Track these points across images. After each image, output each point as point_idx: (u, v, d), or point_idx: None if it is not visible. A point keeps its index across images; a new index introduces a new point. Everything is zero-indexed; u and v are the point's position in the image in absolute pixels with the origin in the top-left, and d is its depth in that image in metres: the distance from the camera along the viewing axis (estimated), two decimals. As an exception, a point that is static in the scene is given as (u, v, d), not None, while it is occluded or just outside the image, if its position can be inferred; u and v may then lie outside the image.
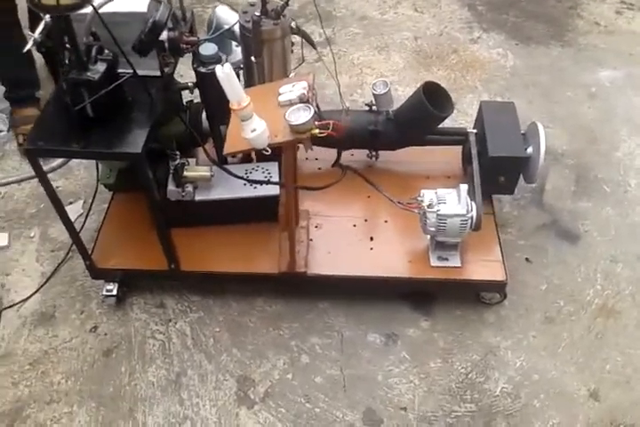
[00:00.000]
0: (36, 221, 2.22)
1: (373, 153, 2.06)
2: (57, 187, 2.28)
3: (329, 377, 1.84)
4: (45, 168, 2.01)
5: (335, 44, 2.83)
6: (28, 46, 1.32)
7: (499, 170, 1.87)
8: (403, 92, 2.61)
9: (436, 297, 2.00)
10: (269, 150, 1.38)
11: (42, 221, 2.22)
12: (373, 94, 1.90)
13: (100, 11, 1.33)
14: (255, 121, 1.31)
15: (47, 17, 1.34)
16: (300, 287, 1.99)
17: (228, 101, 1.31)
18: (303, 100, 1.38)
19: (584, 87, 2.69)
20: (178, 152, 1.81)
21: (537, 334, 1.91)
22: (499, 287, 1.90)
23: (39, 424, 1.76)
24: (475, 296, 1.97)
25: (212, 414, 1.78)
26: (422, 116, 1.87)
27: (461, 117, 2.51)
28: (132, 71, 1.44)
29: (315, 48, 1.88)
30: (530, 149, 1.91)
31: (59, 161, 1.98)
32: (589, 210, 2.25)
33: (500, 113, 1.96)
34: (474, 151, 1.87)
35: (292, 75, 1.91)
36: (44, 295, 2.03)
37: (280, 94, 1.43)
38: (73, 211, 2.20)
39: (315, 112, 1.36)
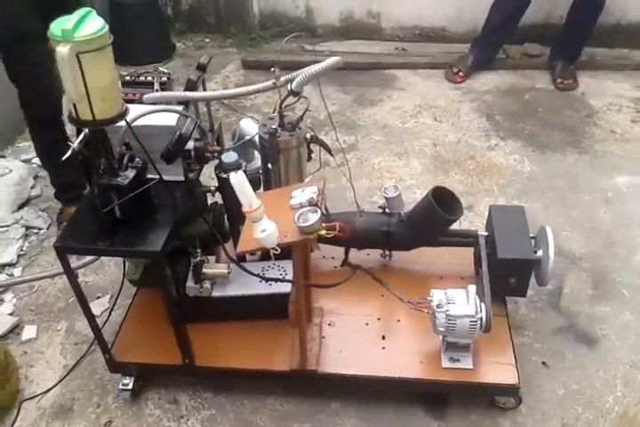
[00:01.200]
0: (64, 315, 2.32)
1: (387, 253, 2.13)
2: (87, 282, 2.43)
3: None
4: (77, 264, 2.16)
5: (358, 150, 3.03)
6: (67, 154, 1.49)
7: (508, 272, 1.91)
8: (421, 195, 2.71)
9: (450, 400, 1.97)
10: (279, 250, 1.47)
11: (69, 315, 2.32)
12: (385, 197, 2.01)
13: (134, 124, 1.51)
14: (265, 222, 1.43)
15: (86, 129, 1.53)
16: (312, 386, 1.98)
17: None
18: (312, 203, 1.49)
19: (601, 192, 2.75)
20: (199, 250, 1.93)
21: (555, 444, 1.84)
22: (511, 391, 1.86)
23: None
24: (489, 400, 1.93)
25: None
26: (432, 219, 1.95)
27: (478, 219, 2.59)
28: (158, 177, 1.59)
29: (331, 155, 2.03)
30: (540, 252, 1.95)
31: (90, 257, 2.12)
32: (607, 314, 2.22)
33: (509, 217, 2.03)
34: (483, 253, 1.92)
35: (308, 179, 2.06)
36: (65, 388, 2.08)
37: (292, 198, 1.55)
38: (100, 305, 2.32)
39: (322, 214, 1.46)
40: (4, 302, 2.39)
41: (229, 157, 1.68)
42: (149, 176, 1.63)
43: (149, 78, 1.79)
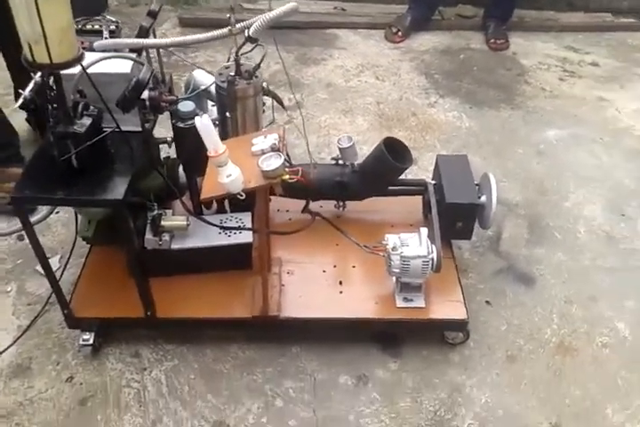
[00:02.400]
0: (13, 277, 2.27)
1: (341, 204, 2.21)
2: (36, 242, 2.37)
3: (303, 420, 1.88)
4: (32, 219, 2.10)
5: (304, 108, 3.06)
6: (19, 103, 1.45)
7: (455, 216, 2.03)
8: (367, 151, 2.78)
9: (404, 339, 2.09)
10: (244, 195, 1.50)
11: (18, 277, 2.26)
12: (339, 148, 2.07)
13: (88, 71, 1.48)
14: (230, 167, 1.45)
15: (37, 76, 1.49)
16: (272, 332, 2.05)
17: (203, 153, 1.44)
18: (275, 149, 1.52)
19: (533, 145, 2.93)
20: (155, 204, 1.93)
21: (500, 372, 2.00)
22: (461, 326, 2.00)
23: (10, 476, 1.74)
24: (440, 337, 2.06)
25: (188, 462, 1.79)
26: (384, 168, 2.03)
27: (422, 173, 2.70)
28: (115, 126, 1.57)
29: (284, 108, 2.06)
30: (483, 198, 2.08)
31: (38, 216, 2.07)
32: (543, 256, 2.40)
33: (454, 165, 2.15)
34: (432, 200, 2.03)
35: (263, 130, 2.09)
36: (21, 348, 2.05)
37: (253, 145, 1.58)
38: (51, 265, 2.27)
39: (285, 159, 1.50)
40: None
41: (186, 105, 1.68)
42: (105, 126, 1.62)
43: (97, 26, 1.74)
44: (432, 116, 3.05)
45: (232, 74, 1.70)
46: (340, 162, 2.12)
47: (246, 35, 1.63)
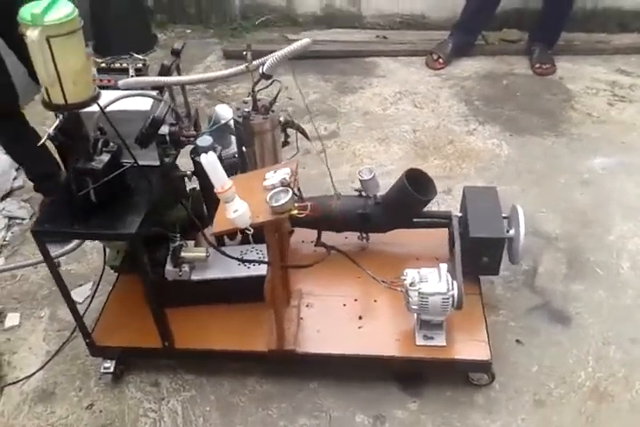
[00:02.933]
0: (47, 303, 2.35)
1: (364, 235, 2.17)
2: (70, 270, 2.45)
3: (316, 460, 1.84)
4: (59, 252, 2.19)
5: (339, 136, 3.06)
6: (43, 140, 1.51)
7: (481, 250, 1.95)
8: (399, 180, 2.77)
9: (426, 378, 2.01)
10: (252, 230, 1.50)
11: (52, 303, 2.34)
12: (360, 180, 2.04)
13: (108, 109, 1.54)
14: (237, 203, 1.46)
15: (61, 115, 1.55)
16: (290, 367, 2.02)
17: (216, 186, 1.46)
18: (284, 184, 1.52)
19: (577, 174, 2.80)
20: (178, 235, 1.96)
21: (526, 417, 1.89)
22: (484, 367, 1.91)
23: None
24: (464, 378, 1.97)
25: None
26: (406, 200, 1.99)
27: (456, 204, 2.62)
28: (133, 161, 1.62)
29: (308, 138, 2.06)
30: (512, 231, 2.00)
31: (71, 245, 2.14)
32: (582, 293, 2.27)
33: (482, 197, 2.07)
34: (456, 233, 1.96)
35: (286, 161, 2.09)
36: (47, 373, 2.11)
37: (265, 179, 1.58)
38: (82, 292, 2.35)
39: (293, 194, 1.49)
40: (-14, 292, 2.41)
41: (204, 140, 1.71)
42: (125, 161, 1.66)
43: (124, 65, 1.80)
44: (470, 144, 2.97)
45: (247, 109, 1.71)
46: (364, 193, 2.09)
47: (260, 72, 1.64)
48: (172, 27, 4.03)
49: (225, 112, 1.99)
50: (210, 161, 1.39)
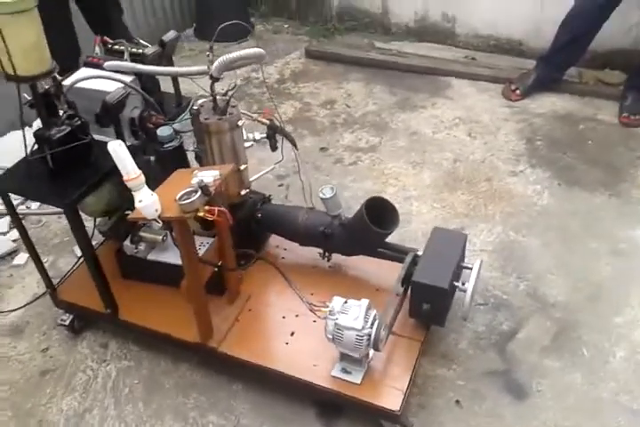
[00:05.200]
0: (54, 251, 2.60)
1: (327, 255, 2.13)
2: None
3: (203, 456, 1.87)
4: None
5: (376, 152, 2.99)
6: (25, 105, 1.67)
7: (422, 297, 1.84)
8: (417, 208, 2.66)
9: (344, 411, 1.95)
10: (160, 222, 1.56)
11: (58, 252, 2.59)
12: (321, 198, 1.99)
13: (79, 85, 1.67)
14: (143, 193, 1.52)
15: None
16: (224, 363, 2.04)
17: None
18: (200, 185, 1.55)
19: (613, 242, 2.47)
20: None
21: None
22: (392, 417, 1.81)
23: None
24: (378, 422, 1.88)
25: (90, 456, 1.90)
26: (364, 230, 1.92)
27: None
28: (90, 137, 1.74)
29: (296, 148, 2.05)
30: (465, 285, 1.85)
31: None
32: (554, 371, 2.04)
33: (448, 241, 1.94)
34: (402, 272, 1.86)
35: (270, 168, 2.12)
36: (25, 312, 2.35)
37: (194, 177, 1.63)
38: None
39: (203, 196, 1.52)
40: (14, 229, 2.71)
41: (163, 130, 1.78)
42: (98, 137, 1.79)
43: (122, 48, 1.91)
44: (508, 186, 2.76)
45: (195, 107, 1.75)
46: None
47: (209, 73, 1.67)
48: (272, 19, 4.16)
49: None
50: (115, 149, 1.46)
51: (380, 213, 1.94)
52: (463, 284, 1.87)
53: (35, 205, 2.83)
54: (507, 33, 3.53)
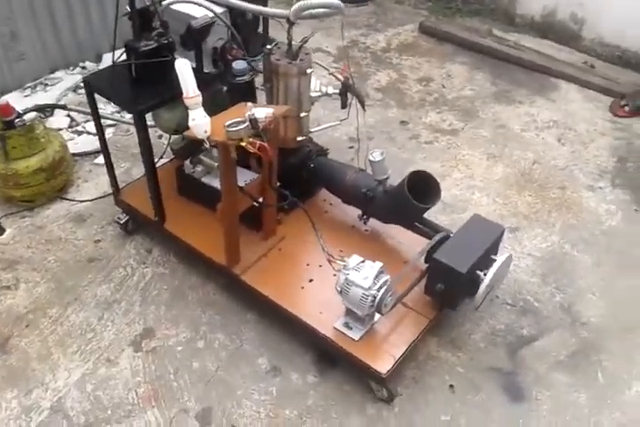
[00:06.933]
0: (132, 159, 2.80)
1: (364, 217, 2.17)
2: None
3: (203, 368, 2.02)
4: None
5: (456, 136, 2.96)
6: (123, 14, 1.82)
7: (437, 275, 1.85)
8: (477, 198, 2.63)
9: (339, 366, 2.01)
10: (207, 143, 1.67)
11: (135, 160, 2.78)
12: (369, 160, 2.02)
13: (174, 7, 1.79)
14: (198, 113, 1.63)
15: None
16: (246, 291, 2.13)
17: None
18: (251, 117, 1.63)
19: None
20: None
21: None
22: (378, 379, 1.86)
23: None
24: (367, 382, 1.93)
25: (109, 339, 2.10)
26: (403, 200, 1.94)
27: (515, 244, 2.42)
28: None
29: (363, 107, 2.08)
30: (482, 273, 1.84)
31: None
32: (560, 385, 2.00)
33: (483, 230, 1.92)
34: (427, 246, 1.87)
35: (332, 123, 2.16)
36: (93, 205, 2.59)
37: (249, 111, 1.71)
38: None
39: (249, 128, 1.60)
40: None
41: (239, 64, 1.86)
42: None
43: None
44: (581, 199, 2.65)
45: (269, 47, 1.83)
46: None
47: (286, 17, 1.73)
48: (402, -11, 4.13)
49: None
50: (180, 67, 1.57)
51: (423, 188, 1.94)
52: (485, 274, 1.86)
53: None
54: (636, 47, 3.31)
